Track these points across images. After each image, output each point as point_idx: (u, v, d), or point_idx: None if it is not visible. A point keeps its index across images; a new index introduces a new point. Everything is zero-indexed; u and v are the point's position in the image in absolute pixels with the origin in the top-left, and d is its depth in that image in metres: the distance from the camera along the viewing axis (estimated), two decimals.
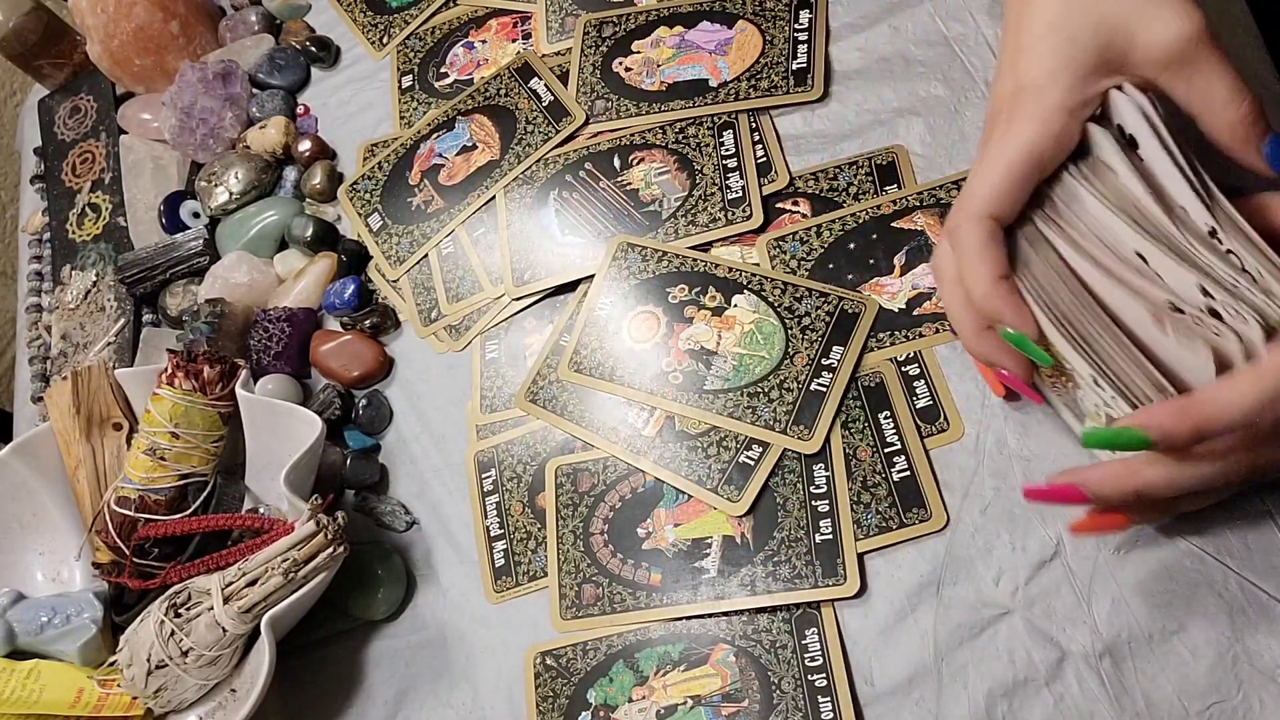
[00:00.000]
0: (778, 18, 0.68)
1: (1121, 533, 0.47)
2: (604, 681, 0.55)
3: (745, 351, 0.58)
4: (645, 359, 0.60)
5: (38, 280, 0.86)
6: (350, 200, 0.76)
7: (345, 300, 0.71)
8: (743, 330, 0.59)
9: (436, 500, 0.64)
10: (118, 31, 0.83)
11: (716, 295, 0.61)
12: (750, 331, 0.59)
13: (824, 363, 0.56)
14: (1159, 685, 0.45)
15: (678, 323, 0.61)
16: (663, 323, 0.61)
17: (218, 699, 0.56)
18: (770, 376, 0.57)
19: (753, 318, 0.59)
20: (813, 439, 0.55)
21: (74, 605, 0.59)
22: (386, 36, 0.83)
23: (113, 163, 0.86)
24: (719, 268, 0.61)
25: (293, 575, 0.54)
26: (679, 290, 0.62)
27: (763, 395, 0.57)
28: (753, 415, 0.56)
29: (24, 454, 0.64)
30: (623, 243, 0.64)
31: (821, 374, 0.56)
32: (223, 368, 0.63)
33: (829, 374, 0.56)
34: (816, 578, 0.52)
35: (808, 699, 0.50)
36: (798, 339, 0.58)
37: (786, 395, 0.56)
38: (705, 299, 0.61)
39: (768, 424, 0.56)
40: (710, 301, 0.61)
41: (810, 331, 0.57)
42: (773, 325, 0.58)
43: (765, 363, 0.58)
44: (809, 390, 0.56)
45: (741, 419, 0.56)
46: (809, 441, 0.55)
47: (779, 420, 0.56)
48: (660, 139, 0.67)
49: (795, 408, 0.56)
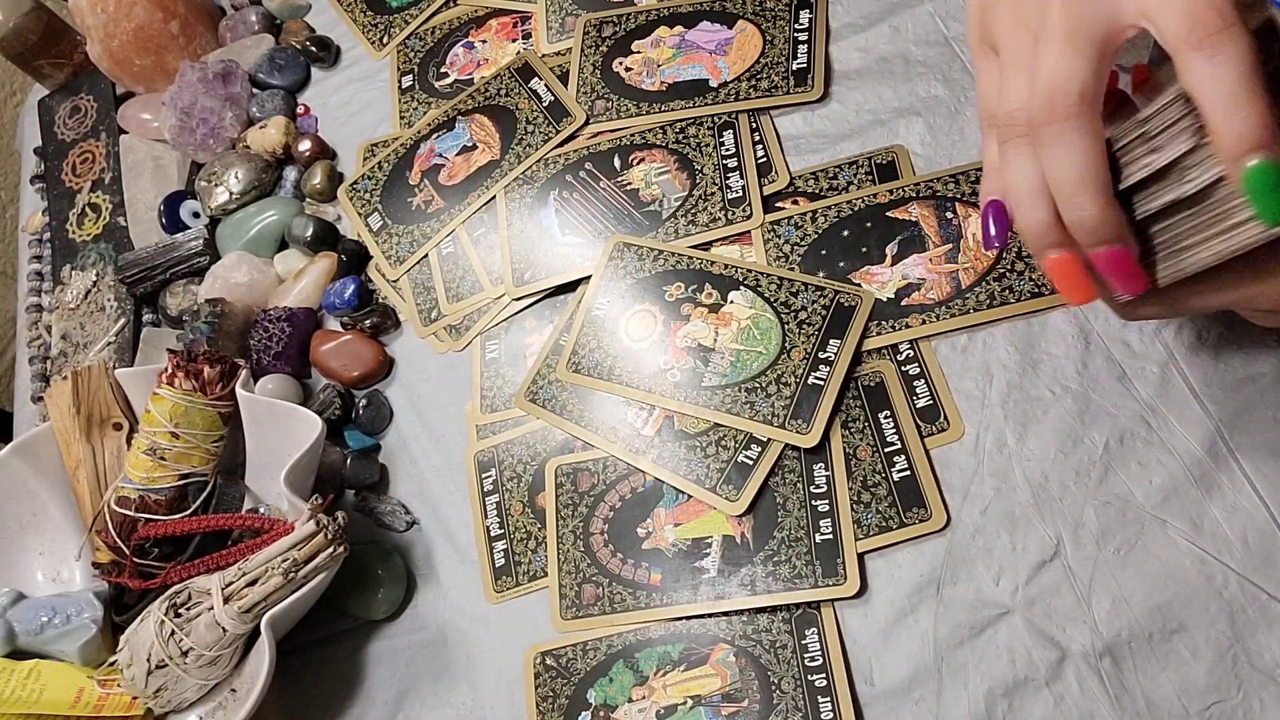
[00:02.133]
0: (778, 18, 0.68)
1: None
2: (604, 681, 0.55)
3: (742, 347, 0.58)
4: (643, 357, 0.61)
5: (38, 280, 0.86)
6: (350, 200, 0.76)
7: (345, 300, 0.71)
8: (739, 326, 0.59)
9: (436, 500, 0.64)
10: (118, 31, 0.83)
11: (713, 292, 0.61)
12: (747, 327, 0.59)
13: (821, 356, 0.56)
14: (1159, 685, 0.45)
15: (675, 320, 0.61)
16: (660, 321, 0.61)
17: (218, 699, 0.56)
18: (768, 371, 0.57)
19: (749, 314, 0.59)
20: (811, 432, 0.55)
21: (74, 605, 0.59)
22: (386, 36, 0.83)
23: (113, 163, 0.86)
24: (715, 265, 0.61)
25: (293, 575, 0.54)
26: (675, 288, 0.62)
27: (761, 390, 0.57)
28: (751, 410, 0.56)
29: (24, 454, 0.64)
30: (619, 242, 0.64)
31: (819, 367, 0.56)
32: (223, 368, 0.63)
33: (826, 367, 0.56)
34: (817, 577, 0.52)
35: (808, 699, 0.50)
36: (794, 333, 0.58)
37: (784, 390, 0.56)
38: (702, 296, 0.61)
39: (766, 419, 0.56)
40: (707, 299, 0.61)
41: (807, 325, 0.57)
42: (769, 320, 0.58)
43: (763, 358, 0.58)
44: (807, 384, 0.56)
45: (740, 414, 0.56)
46: (807, 435, 0.55)
47: (777, 415, 0.56)
48: (660, 139, 0.67)
49: (793, 402, 0.56)
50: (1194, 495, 0.48)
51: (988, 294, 0.56)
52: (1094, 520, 0.49)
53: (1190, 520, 0.48)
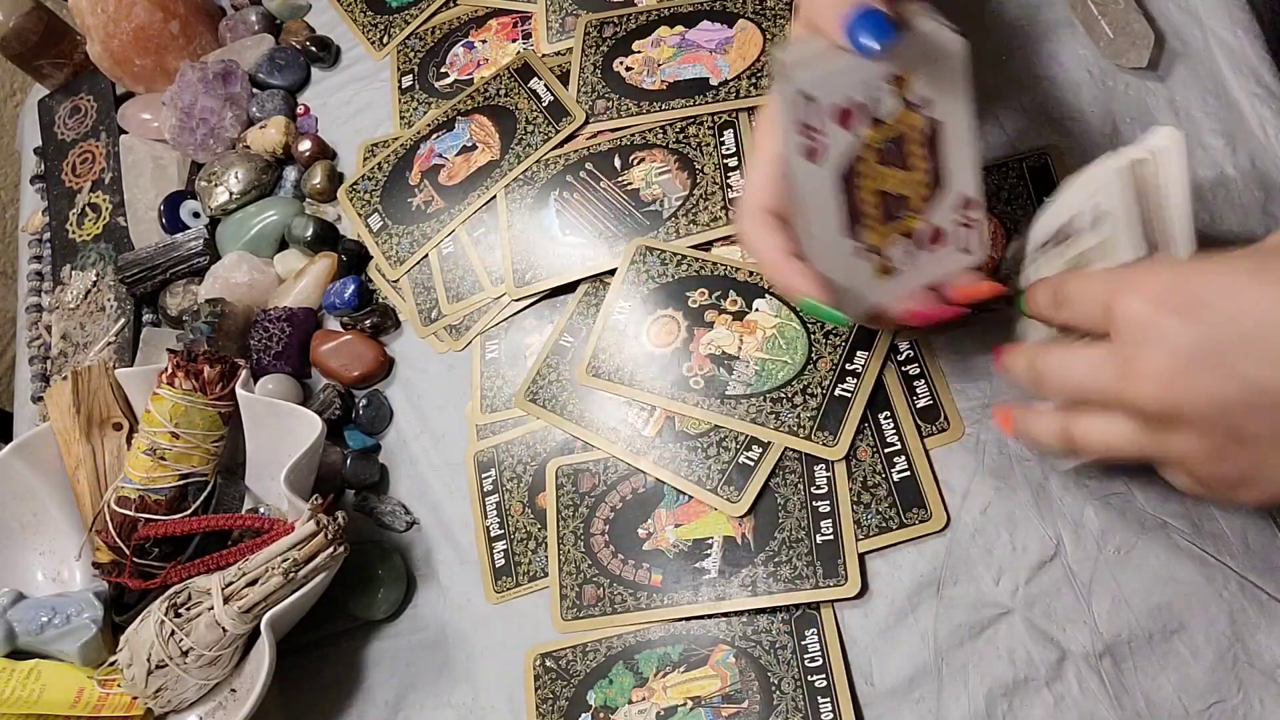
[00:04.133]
0: (778, 16, 0.68)
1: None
2: (604, 683, 0.55)
3: (768, 356, 0.58)
4: (666, 364, 0.60)
5: (38, 280, 0.86)
6: (350, 200, 0.76)
7: (345, 300, 0.71)
8: (765, 335, 0.59)
9: (436, 500, 0.64)
10: (118, 31, 0.83)
11: (737, 299, 0.60)
12: (773, 336, 0.58)
13: (848, 368, 0.56)
14: (1159, 685, 0.45)
15: (698, 327, 0.60)
16: (683, 327, 0.61)
17: (218, 699, 0.56)
18: (794, 382, 0.57)
19: (774, 322, 0.59)
20: (838, 445, 0.54)
21: (74, 605, 0.59)
22: (386, 36, 0.83)
23: (113, 163, 0.86)
24: (739, 271, 0.61)
25: (293, 575, 0.54)
26: (699, 294, 0.61)
27: (786, 401, 0.56)
28: (776, 421, 0.56)
29: (24, 454, 0.64)
30: (641, 246, 0.64)
31: (846, 379, 0.56)
32: (223, 367, 0.63)
33: (854, 379, 0.56)
34: (817, 578, 0.52)
35: (807, 699, 0.50)
36: (821, 344, 0.57)
37: (810, 401, 0.56)
38: (726, 303, 0.60)
39: (791, 430, 0.55)
40: (731, 306, 0.60)
41: (833, 336, 0.57)
42: (795, 330, 0.58)
43: (789, 368, 0.57)
44: (833, 396, 0.56)
45: (765, 425, 0.56)
46: (834, 447, 0.54)
47: (803, 426, 0.55)
48: (660, 139, 0.67)
49: (820, 413, 0.55)
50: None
51: None
52: (1094, 520, 0.49)
53: (1190, 520, 0.48)
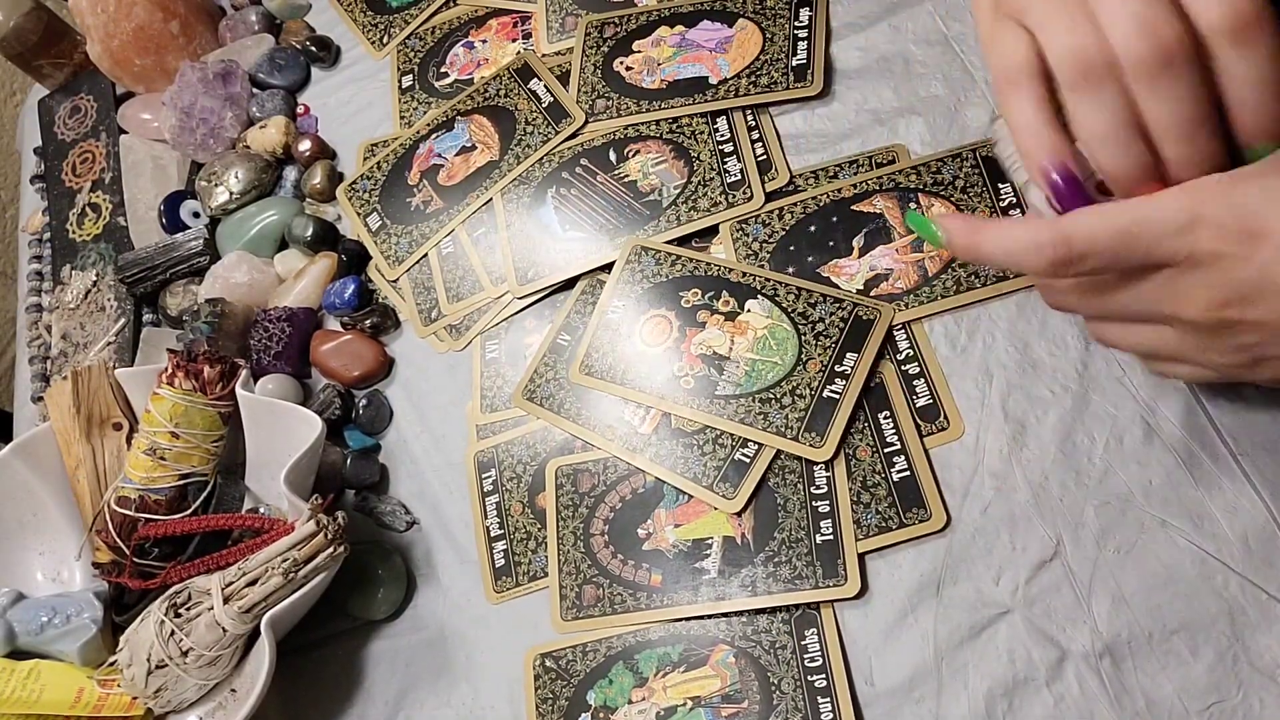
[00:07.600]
0: (778, 16, 0.68)
1: None
2: (604, 683, 0.55)
3: (758, 357, 0.58)
4: (657, 363, 0.60)
5: (38, 280, 0.86)
6: (349, 200, 0.76)
7: (345, 300, 0.71)
8: (756, 336, 0.59)
9: (436, 500, 0.64)
10: (118, 31, 0.83)
11: (730, 300, 0.60)
12: (763, 337, 0.58)
13: (837, 369, 0.56)
14: (1159, 685, 0.45)
15: (690, 327, 0.61)
16: (675, 327, 0.61)
17: (218, 699, 0.56)
18: (783, 383, 0.57)
19: (766, 323, 0.59)
20: (825, 446, 0.54)
21: (74, 605, 0.59)
22: (386, 36, 0.83)
23: (113, 162, 0.86)
24: (732, 272, 0.61)
25: (293, 575, 0.54)
26: (692, 294, 0.61)
27: (775, 401, 0.56)
28: (764, 421, 0.56)
29: (24, 454, 0.64)
30: (636, 246, 0.64)
31: (834, 380, 0.56)
32: (223, 367, 0.63)
33: (842, 381, 0.56)
34: (817, 578, 0.52)
35: (807, 700, 0.50)
36: (811, 345, 0.57)
37: (799, 402, 0.56)
38: (718, 304, 0.61)
39: (779, 430, 0.55)
40: (723, 306, 0.60)
41: (824, 338, 0.57)
42: (786, 331, 0.58)
43: (778, 369, 0.57)
44: (821, 397, 0.56)
45: (753, 425, 0.56)
46: (821, 449, 0.54)
47: (791, 427, 0.55)
48: (654, 130, 0.67)
49: (808, 414, 0.55)
50: (1194, 495, 0.48)
51: (954, 280, 0.57)
52: (1094, 520, 0.49)
53: (1190, 520, 0.48)
